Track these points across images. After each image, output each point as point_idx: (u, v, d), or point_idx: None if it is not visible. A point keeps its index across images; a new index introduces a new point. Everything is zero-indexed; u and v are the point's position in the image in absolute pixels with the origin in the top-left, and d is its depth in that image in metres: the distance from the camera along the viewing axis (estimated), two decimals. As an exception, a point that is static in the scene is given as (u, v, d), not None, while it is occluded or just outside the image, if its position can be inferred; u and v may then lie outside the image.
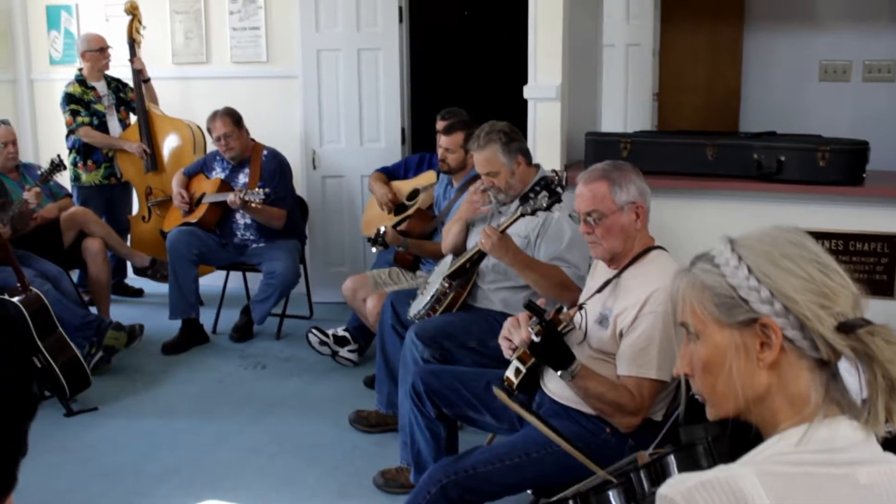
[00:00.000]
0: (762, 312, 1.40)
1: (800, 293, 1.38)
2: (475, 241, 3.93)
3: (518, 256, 3.61)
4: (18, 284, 4.66)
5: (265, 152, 5.71)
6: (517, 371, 2.97)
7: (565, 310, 2.96)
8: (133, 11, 6.42)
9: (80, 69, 6.38)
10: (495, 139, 3.85)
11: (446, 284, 3.92)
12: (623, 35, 5.99)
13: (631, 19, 6.05)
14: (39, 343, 4.54)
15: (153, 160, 6.24)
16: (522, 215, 3.54)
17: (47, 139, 7.26)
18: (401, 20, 6.19)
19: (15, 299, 4.57)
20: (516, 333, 2.83)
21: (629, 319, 2.82)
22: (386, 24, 6.17)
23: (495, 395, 2.95)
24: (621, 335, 2.84)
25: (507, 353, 2.96)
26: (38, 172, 5.64)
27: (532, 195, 3.52)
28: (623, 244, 2.93)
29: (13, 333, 1.00)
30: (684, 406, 1.76)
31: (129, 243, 6.30)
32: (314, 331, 5.23)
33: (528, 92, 4.54)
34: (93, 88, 6.33)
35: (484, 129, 3.90)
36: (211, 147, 5.96)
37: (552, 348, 2.74)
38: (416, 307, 4.02)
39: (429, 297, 3.95)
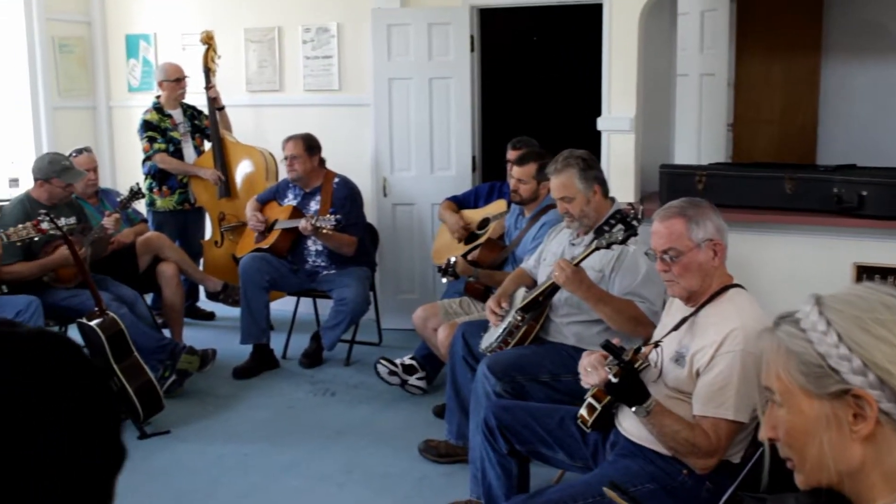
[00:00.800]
0: (854, 384, 1.29)
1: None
2: (546, 273, 3.91)
3: (591, 290, 3.59)
4: (96, 308, 4.75)
5: (336, 180, 5.77)
6: (591, 408, 2.95)
7: (643, 349, 2.92)
8: (208, 41, 6.55)
9: (158, 97, 6.52)
10: (573, 164, 3.84)
11: (519, 317, 3.90)
12: (697, 65, 5.94)
13: (705, 49, 6.00)
14: (115, 366, 4.62)
15: (227, 186, 6.34)
16: (597, 248, 3.51)
17: (124, 165, 7.43)
18: (472, 49, 6.22)
19: (92, 323, 4.66)
20: (594, 373, 2.80)
21: (706, 359, 2.77)
22: (457, 53, 6.20)
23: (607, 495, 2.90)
24: (698, 374, 2.80)
25: (584, 383, 2.93)
26: (118, 199, 5.76)
27: (607, 228, 3.49)
28: (700, 282, 2.88)
29: (106, 387, 1.01)
30: (768, 473, 1.70)
31: (201, 268, 6.40)
32: (383, 361, 5.25)
33: (601, 124, 4.53)
34: (169, 116, 6.46)
35: (563, 154, 3.89)
36: (284, 174, 6.03)
37: (629, 388, 2.71)
38: (488, 340, 4.01)
39: (501, 330, 3.93)
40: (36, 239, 4.91)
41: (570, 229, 3.97)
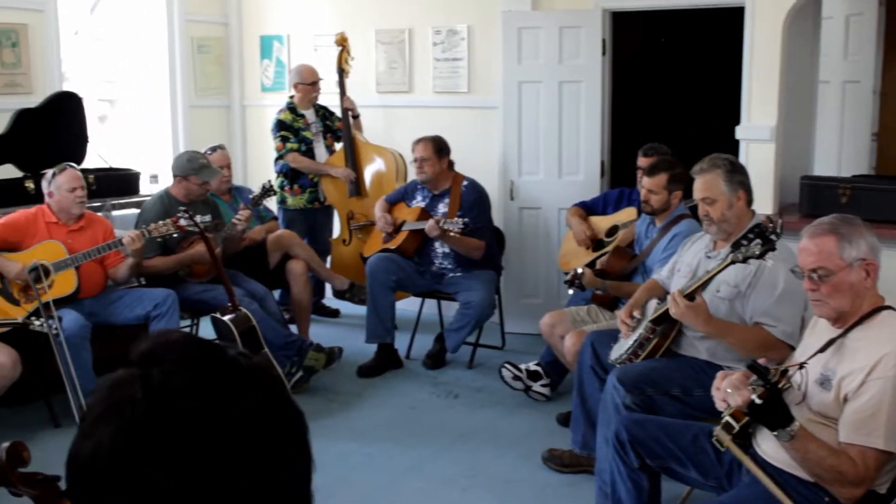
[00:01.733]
0: None
1: None
2: (679, 285, 3.83)
3: (710, 324, 3.50)
4: (229, 304, 4.87)
5: (465, 182, 5.77)
6: (729, 427, 2.86)
7: (789, 371, 2.82)
8: (343, 43, 6.64)
9: (292, 97, 6.64)
10: (719, 165, 3.74)
11: (649, 330, 3.83)
12: (840, 72, 5.73)
13: (849, 55, 5.78)
14: (247, 362, 4.72)
15: (357, 186, 6.42)
16: (733, 262, 3.42)
17: (255, 163, 7.61)
18: (603, 52, 6.14)
19: (226, 318, 4.78)
20: (735, 394, 2.72)
21: (855, 384, 2.66)
22: (588, 56, 6.13)
23: (717, 438, 2.83)
24: (845, 400, 2.69)
25: (719, 405, 2.85)
26: (250, 196, 5.89)
27: (745, 242, 3.40)
28: (850, 303, 2.77)
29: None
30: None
31: (328, 265, 6.49)
32: (507, 366, 5.23)
33: (740, 132, 4.41)
34: (302, 116, 6.58)
35: (710, 156, 3.80)
36: (412, 175, 6.07)
37: (773, 411, 2.62)
38: (618, 351, 3.94)
39: (631, 342, 3.87)
40: (174, 235, 5.07)
41: (708, 233, 3.87)
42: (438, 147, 5.72)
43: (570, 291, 4.87)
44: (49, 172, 5.02)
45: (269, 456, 1.00)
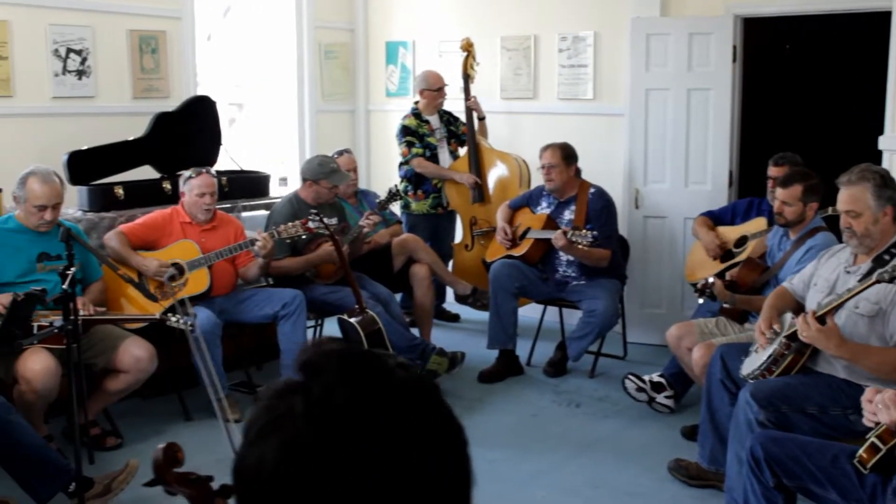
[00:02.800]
0: None
1: None
2: (816, 300, 3.72)
3: (843, 348, 3.40)
4: (356, 305, 4.94)
5: (592, 190, 5.72)
6: (874, 449, 2.77)
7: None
8: (468, 48, 6.68)
9: (416, 102, 6.71)
10: (869, 178, 3.60)
11: (784, 346, 3.73)
12: None
13: None
14: (372, 364, 4.78)
15: (480, 191, 6.44)
16: (878, 282, 3.30)
17: (379, 167, 7.72)
18: (734, 59, 6.02)
19: (353, 320, 4.86)
20: (885, 412, 2.63)
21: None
22: (718, 63, 6.03)
23: (860, 460, 2.73)
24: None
25: (868, 421, 2.76)
26: (376, 200, 5.98)
27: (887, 258, 3.28)
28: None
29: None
30: None
31: (449, 270, 6.53)
32: (631, 376, 5.17)
33: (884, 142, 4.26)
34: (427, 122, 6.64)
35: (860, 166, 3.66)
36: (536, 181, 6.06)
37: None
38: (750, 366, 3.85)
39: (765, 357, 3.77)
40: (303, 237, 5.18)
41: (849, 246, 3.75)
42: (566, 154, 5.69)
43: (700, 301, 4.78)
44: (186, 173, 5.19)
45: (430, 470, 1.00)
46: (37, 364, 4.20)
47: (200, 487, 1.63)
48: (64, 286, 3.71)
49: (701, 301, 4.77)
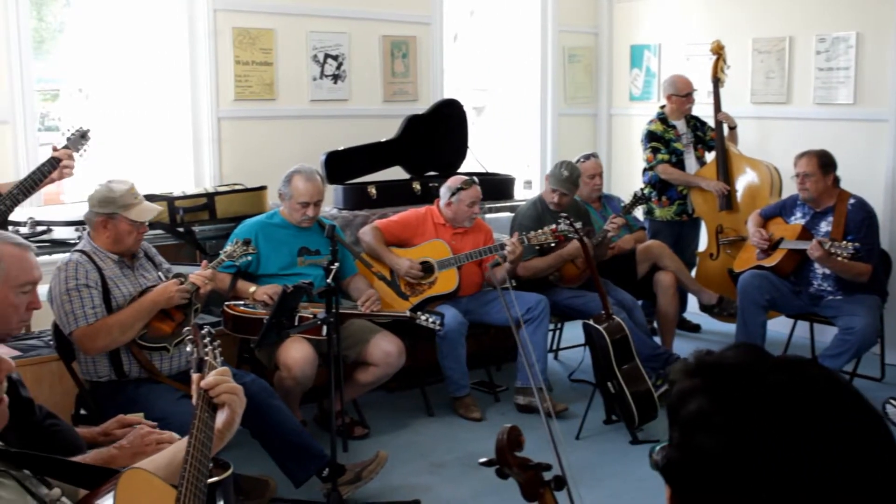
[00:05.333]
0: None
1: None
2: None
3: None
4: (602, 311, 4.89)
5: (852, 201, 5.39)
6: None
7: None
8: (718, 51, 6.46)
9: (662, 107, 6.57)
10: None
11: None
12: None
13: None
14: (617, 370, 4.73)
15: (728, 199, 6.23)
16: None
17: (620, 172, 7.63)
18: None
19: (600, 326, 4.81)
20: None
21: None
22: None
23: None
24: None
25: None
26: (620, 204, 5.90)
27: None
28: None
29: None
30: None
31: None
32: (893, 401, 4.84)
33: None
34: (673, 127, 6.49)
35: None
36: (789, 190, 5.79)
37: None
38: None
39: None
40: (552, 244, 5.18)
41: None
42: (824, 162, 5.39)
43: None
44: (454, 184, 5.27)
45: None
46: (297, 353, 4.41)
47: (535, 474, 1.66)
48: (328, 280, 3.88)
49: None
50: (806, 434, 0.98)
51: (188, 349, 2.27)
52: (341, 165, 5.86)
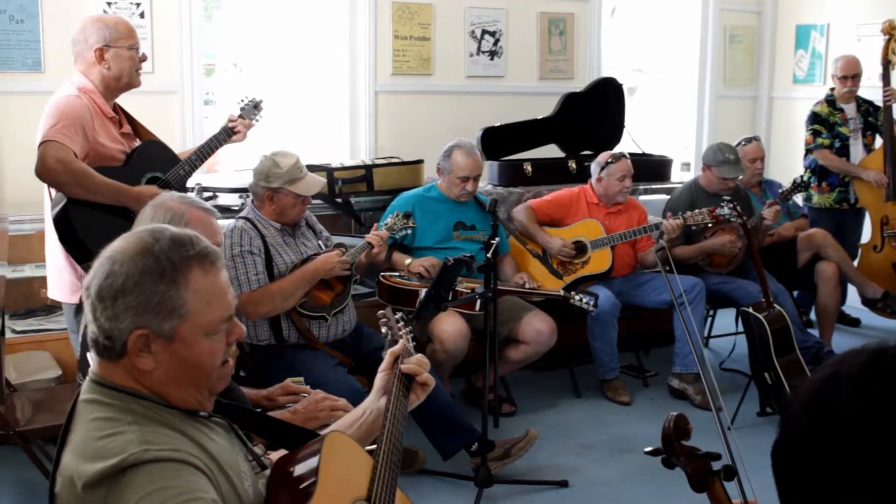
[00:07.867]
0: None
1: None
2: None
3: None
4: (762, 299, 4.74)
5: None
6: None
7: None
8: (890, 31, 6.13)
9: (832, 89, 6.29)
10: None
11: None
12: None
13: None
14: (776, 360, 4.57)
15: (894, 189, 5.93)
16: None
17: (780, 157, 7.37)
18: None
19: (760, 315, 4.65)
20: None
21: None
22: None
23: None
24: None
25: None
26: (779, 190, 5.69)
27: None
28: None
29: None
30: None
31: (854, 270, 6.09)
32: None
33: None
34: (840, 110, 6.20)
35: None
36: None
37: None
38: None
39: None
40: (709, 225, 5.04)
41: None
42: None
43: None
44: (603, 158, 5.21)
45: None
46: (451, 326, 4.43)
47: (702, 463, 1.61)
48: (488, 255, 3.87)
49: None
50: None
51: (382, 331, 2.33)
52: (497, 142, 5.84)
